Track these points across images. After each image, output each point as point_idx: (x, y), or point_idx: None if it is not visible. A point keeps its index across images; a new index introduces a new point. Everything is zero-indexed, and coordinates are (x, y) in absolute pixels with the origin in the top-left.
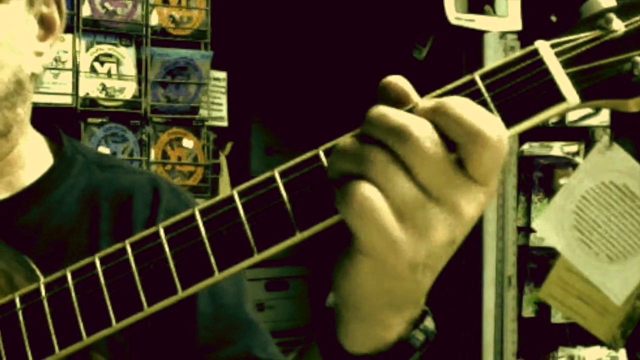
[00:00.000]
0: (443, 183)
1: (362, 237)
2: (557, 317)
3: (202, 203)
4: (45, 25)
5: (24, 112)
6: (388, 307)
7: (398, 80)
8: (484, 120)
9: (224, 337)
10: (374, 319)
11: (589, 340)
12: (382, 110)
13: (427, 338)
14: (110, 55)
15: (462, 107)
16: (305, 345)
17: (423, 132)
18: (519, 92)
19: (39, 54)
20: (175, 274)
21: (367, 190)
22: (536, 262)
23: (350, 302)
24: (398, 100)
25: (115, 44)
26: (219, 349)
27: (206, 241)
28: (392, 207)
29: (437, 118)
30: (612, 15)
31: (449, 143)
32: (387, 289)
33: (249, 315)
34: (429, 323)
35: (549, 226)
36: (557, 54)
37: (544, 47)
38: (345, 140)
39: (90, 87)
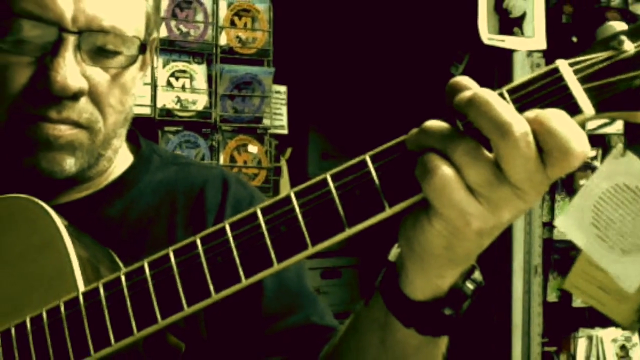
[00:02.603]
0: (524, 177)
1: (437, 207)
2: (577, 302)
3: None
4: (141, 66)
5: (124, 135)
6: (449, 262)
7: (465, 81)
8: (575, 137)
9: (287, 309)
10: (435, 271)
11: (605, 322)
12: (490, 98)
13: (477, 287)
14: (184, 72)
15: (559, 121)
16: (368, 297)
17: (523, 134)
18: (542, 104)
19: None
20: (239, 265)
21: (446, 170)
22: (559, 254)
23: (418, 255)
24: None
25: (188, 62)
26: (283, 318)
27: (266, 236)
28: (468, 185)
29: (534, 125)
30: (624, 38)
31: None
32: (453, 247)
33: (309, 289)
34: (477, 275)
35: (570, 223)
36: (575, 72)
37: (563, 65)
38: (437, 123)
39: (166, 99)
